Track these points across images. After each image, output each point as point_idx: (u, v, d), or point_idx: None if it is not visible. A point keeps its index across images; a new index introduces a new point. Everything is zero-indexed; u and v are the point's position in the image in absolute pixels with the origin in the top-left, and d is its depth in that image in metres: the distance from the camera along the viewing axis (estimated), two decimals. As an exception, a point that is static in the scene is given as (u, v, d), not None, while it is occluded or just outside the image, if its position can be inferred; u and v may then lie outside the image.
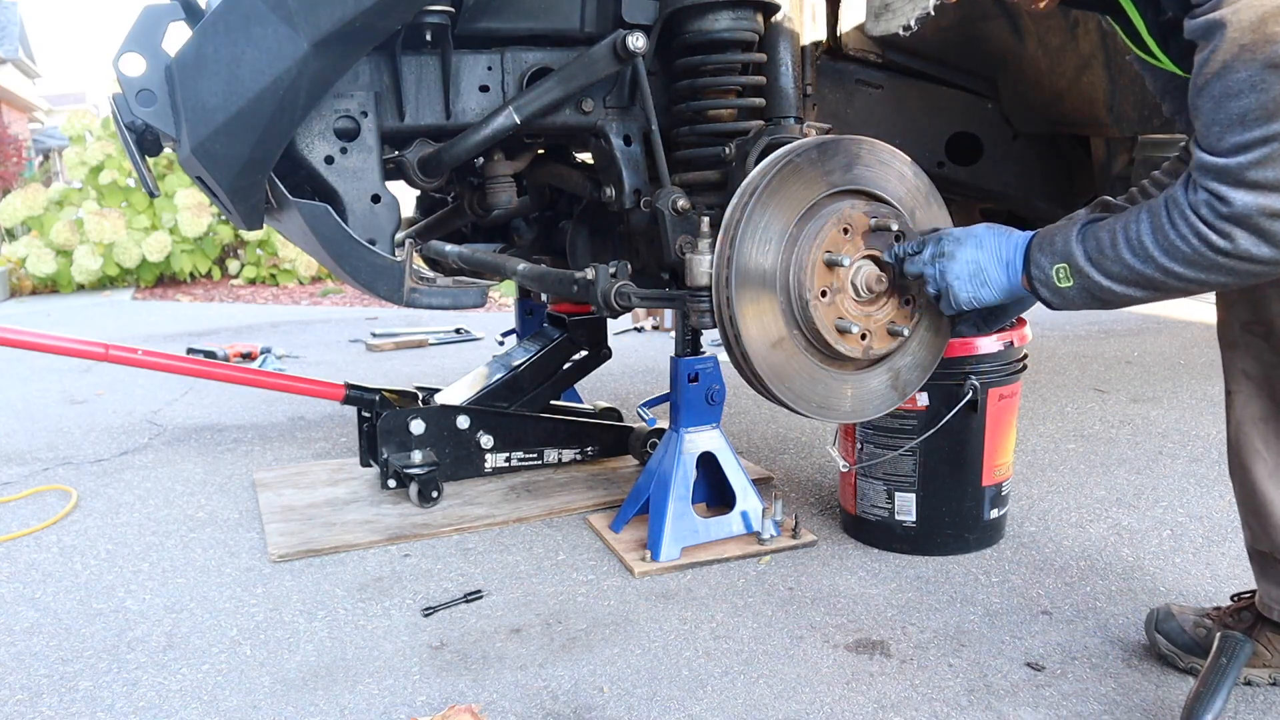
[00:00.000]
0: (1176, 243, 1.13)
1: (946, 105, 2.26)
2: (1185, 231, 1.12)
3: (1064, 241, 1.27)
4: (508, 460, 2.46)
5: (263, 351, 4.53)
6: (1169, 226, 1.14)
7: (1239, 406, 1.40)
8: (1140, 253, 1.17)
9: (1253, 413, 1.39)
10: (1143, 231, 1.17)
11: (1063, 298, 1.29)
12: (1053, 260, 1.28)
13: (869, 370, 1.62)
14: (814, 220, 1.51)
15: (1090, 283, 1.24)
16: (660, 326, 4.99)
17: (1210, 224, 1.09)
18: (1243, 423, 1.40)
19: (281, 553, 2.02)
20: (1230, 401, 1.42)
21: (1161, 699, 1.43)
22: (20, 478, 2.67)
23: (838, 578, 1.87)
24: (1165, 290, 1.19)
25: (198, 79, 1.53)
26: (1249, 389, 1.39)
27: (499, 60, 1.84)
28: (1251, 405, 1.39)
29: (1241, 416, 1.40)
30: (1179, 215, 1.13)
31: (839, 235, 1.50)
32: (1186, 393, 3.29)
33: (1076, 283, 1.26)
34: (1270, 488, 1.37)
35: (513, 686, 1.51)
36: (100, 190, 8.13)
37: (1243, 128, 1.05)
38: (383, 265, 1.73)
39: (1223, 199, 1.08)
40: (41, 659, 1.63)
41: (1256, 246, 1.08)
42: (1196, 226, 1.10)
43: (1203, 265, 1.12)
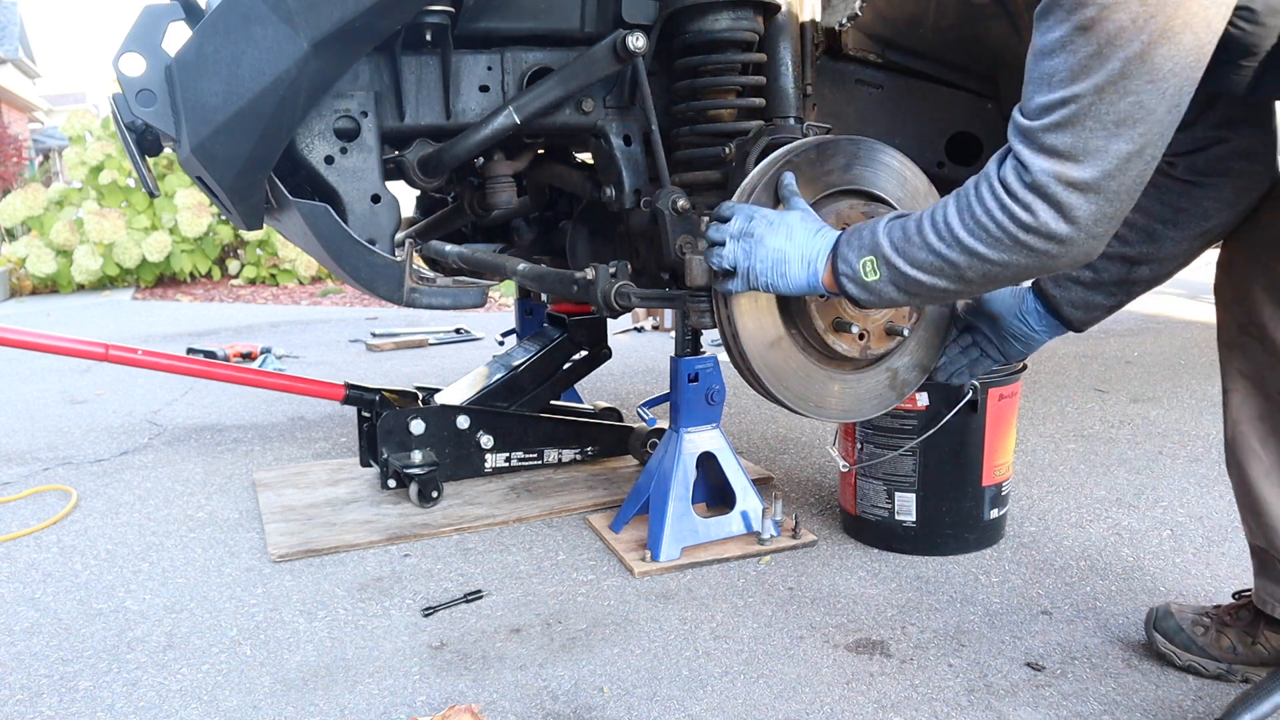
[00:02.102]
0: (981, 218, 1.09)
1: (946, 105, 2.26)
2: (990, 204, 1.07)
3: (871, 233, 1.23)
4: (508, 460, 2.46)
5: (263, 351, 4.54)
6: (975, 202, 1.09)
7: (1235, 406, 1.41)
8: (945, 235, 1.13)
9: (1249, 412, 1.39)
10: (949, 212, 1.13)
11: (871, 292, 1.24)
12: (860, 253, 1.23)
13: (867, 370, 1.62)
14: None
15: (896, 273, 1.20)
16: (660, 326, 4.99)
17: (1014, 193, 1.05)
18: (1239, 422, 1.40)
19: (281, 553, 2.02)
20: (1227, 400, 1.42)
21: (1162, 699, 1.43)
22: (20, 478, 2.67)
23: (838, 578, 1.87)
24: (969, 280, 1.15)
25: (198, 79, 1.53)
26: (1245, 388, 1.40)
27: (499, 60, 1.84)
28: (1247, 405, 1.39)
29: (1238, 416, 1.40)
30: (986, 188, 1.08)
31: None
32: (1186, 393, 3.29)
33: (884, 274, 1.21)
34: (1265, 486, 1.37)
35: (513, 686, 1.51)
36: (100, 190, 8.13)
37: (1048, 87, 1.02)
38: (383, 265, 1.73)
39: (1025, 165, 1.04)
40: (41, 659, 1.63)
41: (1055, 221, 1.04)
42: (1001, 197, 1.06)
43: (1005, 244, 1.08)
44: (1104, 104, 0.99)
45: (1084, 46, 0.99)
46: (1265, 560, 1.41)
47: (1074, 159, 1.02)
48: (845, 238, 1.29)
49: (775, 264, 1.33)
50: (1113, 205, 1.04)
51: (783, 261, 1.32)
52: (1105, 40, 0.97)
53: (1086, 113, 1.00)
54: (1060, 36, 1.00)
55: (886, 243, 1.21)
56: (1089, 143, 1.01)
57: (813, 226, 1.34)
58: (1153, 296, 5.64)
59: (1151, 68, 0.97)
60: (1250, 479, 1.39)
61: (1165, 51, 0.97)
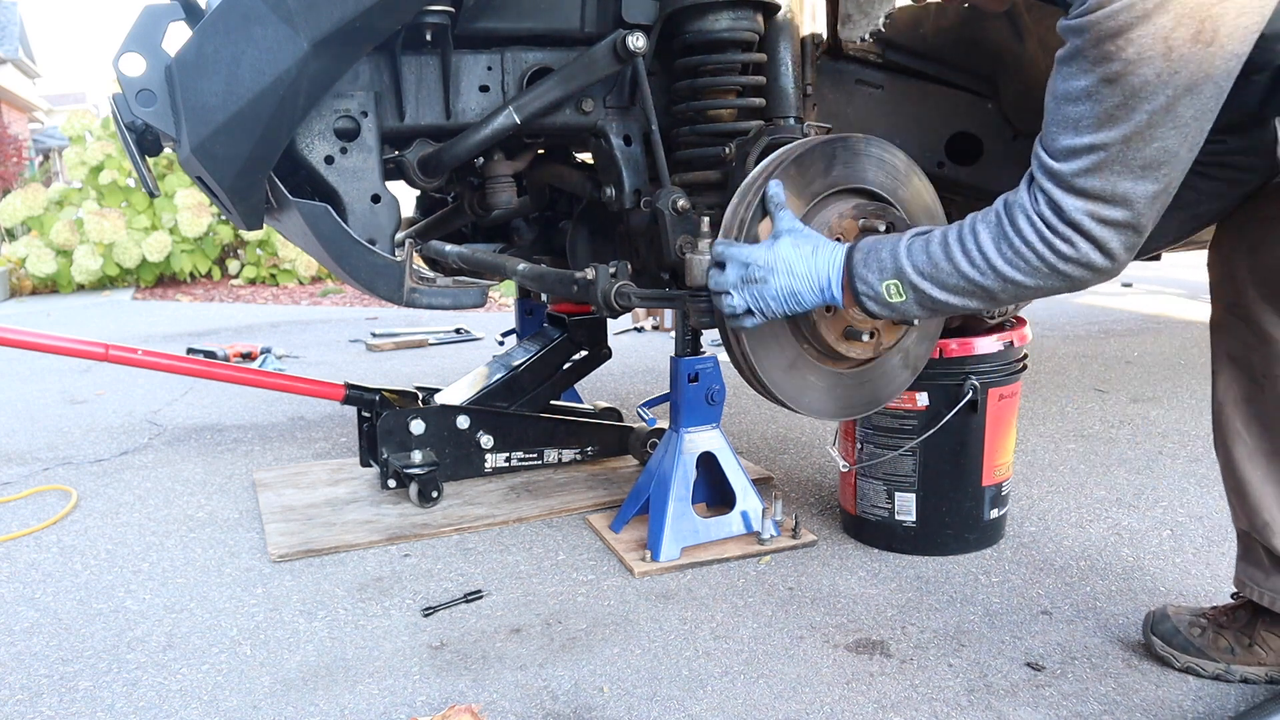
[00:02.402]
0: (1021, 249, 1.12)
1: (946, 105, 2.26)
2: (1031, 237, 1.11)
3: (891, 257, 1.25)
4: (508, 460, 2.46)
5: (263, 351, 4.54)
6: (1014, 234, 1.12)
7: (1221, 388, 1.43)
8: (980, 263, 1.16)
9: (1234, 394, 1.42)
10: (982, 241, 1.16)
11: (894, 310, 1.28)
12: (882, 277, 1.26)
13: (880, 359, 1.66)
14: None
15: (924, 297, 1.23)
16: (660, 326, 4.99)
17: (1055, 229, 1.09)
18: (1224, 404, 1.43)
19: (281, 553, 2.02)
20: (1215, 382, 1.45)
21: (1161, 699, 1.43)
22: (20, 478, 2.67)
23: (838, 578, 1.87)
24: (999, 300, 1.20)
25: (198, 79, 1.53)
26: (1231, 371, 1.42)
27: (499, 60, 1.83)
28: (1233, 387, 1.42)
29: (1224, 398, 1.43)
30: (1025, 221, 1.12)
31: None
32: (1186, 393, 3.29)
33: (910, 298, 1.24)
34: (1249, 468, 1.40)
35: (513, 686, 1.51)
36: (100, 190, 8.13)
37: (1074, 132, 1.06)
38: (383, 265, 1.73)
39: (1059, 205, 1.08)
40: (41, 659, 1.63)
41: (1094, 253, 1.09)
42: (1042, 231, 1.10)
43: (1044, 273, 1.12)
44: (1131, 152, 1.04)
45: (1110, 98, 1.03)
46: (1248, 544, 1.44)
47: (1105, 200, 1.06)
48: (861, 258, 1.29)
49: (787, 299, 1.35)
50: (1141, 235, 1.10)
51: (793, 295, 1.34)
52: (1130, 93, 1.02)
53: (1115, 159, 1.04)
54: (1085, 86, 1.04)
55: (910, 267, 1.23)
56: (1118, 186, 1.05)
57: (808, 249, 1.34)
58: (1152, 296, 5.64)
59: (1175, 117, 1.02)
60: (1234, 460, 1.42)
61: (1189, 101, 1.01)
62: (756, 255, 1.36)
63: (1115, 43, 1.00)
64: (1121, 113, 1.03)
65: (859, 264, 1.29)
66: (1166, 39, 0.98)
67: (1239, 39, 1.00)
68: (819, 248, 1.34)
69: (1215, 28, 0.98)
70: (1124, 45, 1.00)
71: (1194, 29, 0.98)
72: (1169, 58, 0.99)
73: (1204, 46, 0.99)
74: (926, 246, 1.22)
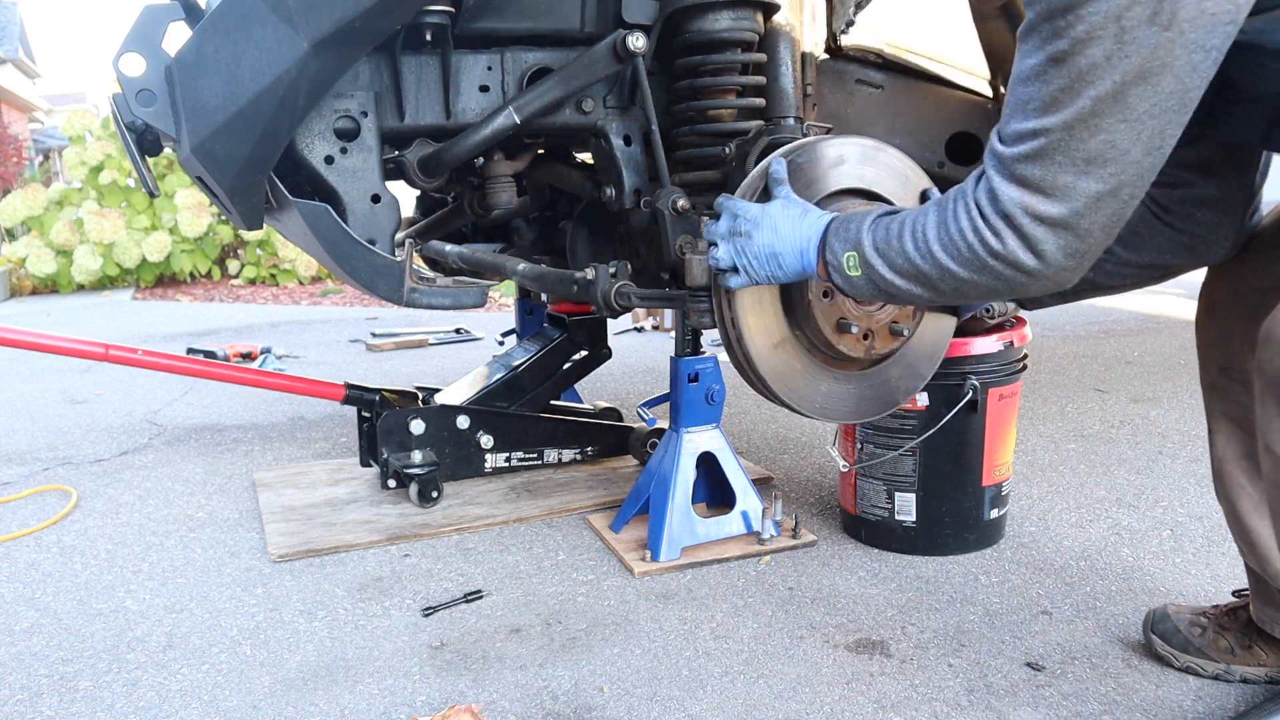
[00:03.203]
0: (954, 236, 1.07)
1: (946, 105, 2.26)
2: (964, 224, 1.06)
3: (856, 229, 1.22)
4: (508, 460, 2.46)
5: (263, 351, 4.54)
6: (951, 219, 1.08)
7: (1221, 445, 1.41)
8: (921, 246, 1.12)
9: (1234, 451, 1.39)
10: (928, 224, 1.11)
11: (852, 286, 1.24)
12: (844, 247, 1.23)
13: (872, 370, 1.63)
14: None
15: (875, 275, 1.19)
16: (660, 326, 4.99)
17: (986, 217, 1.03)
18: (1225, 460, 1.41)
19: (281, 553, 2.02)
20: (1213, 440, 1.43)
21: (1161, 699, 1.43)
22: (20, 478, 2.67)
23: (838, 578, 1.87)
24: (943, 292, 1.14)
25: (198, 79, 1.53)
26: (1228, 429, 1.40)
27: (499, 60, 1.84)
28: (1232, 444, 1.40)
29: (1224, 455, 1.41)
30: (961, 207, 1.07)
31: None
32: (1186, 393, 3.29)
33: (863, 273, 1.21)
34: (1256, 520, 1.37)
35: (513, 686, 1.51)
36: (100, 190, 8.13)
37: (1022, 115, 0.99)
38: (383, 265, 1.73)
39: (995, 192, 1.02)
40: (41, 659, 1.63)
41: (1022, 251, 1.02)
42: (974, 219, 1.05)
43: (975, 265, 1.06)
44: (1074, 141, 0.96)
45: (1056, 78, 0.96)
46: (1260, 584, 1.42)
47: (1043, 193, 0.99)
48: (834, 226, 1.28)
49: (768, 258, 1.33)
50: (1084, 242, 1.01)
51: (774, 255, 1.33)
52: (1076, 75, 0.94)
53: (1056, 148, 0.97)
54: (1035, 64, 0.98)
55: (868, 242, 1.20)
56: (1058, 178, 0.98)
57: (796, 212, 1.33)
58: (1153, 296, 5.64)
59: (1125, 107, 0.94)
60: (1240, 512, 1.39)
61: (1140, 92, 0.93)
62: (748, 209, 1.36)
63: (1065, 18, 0.93)
64: (1066, 96, 0.95)
65: (831, 232, 1.27)
66: (1119, 17, 0.90)
67: (1203, 27, 0.91)
68: (807, 213, 1.33)
69: (1174, 10, 0.90)
70: (1074, 21, 0.93)
71: (1151, 8, 0.90)
72: (1120, 39, 0.91)
73: (1160, 30, 0.90)
74: (888, 224, 1.19)
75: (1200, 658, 1.47)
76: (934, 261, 1.11)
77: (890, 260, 1.17)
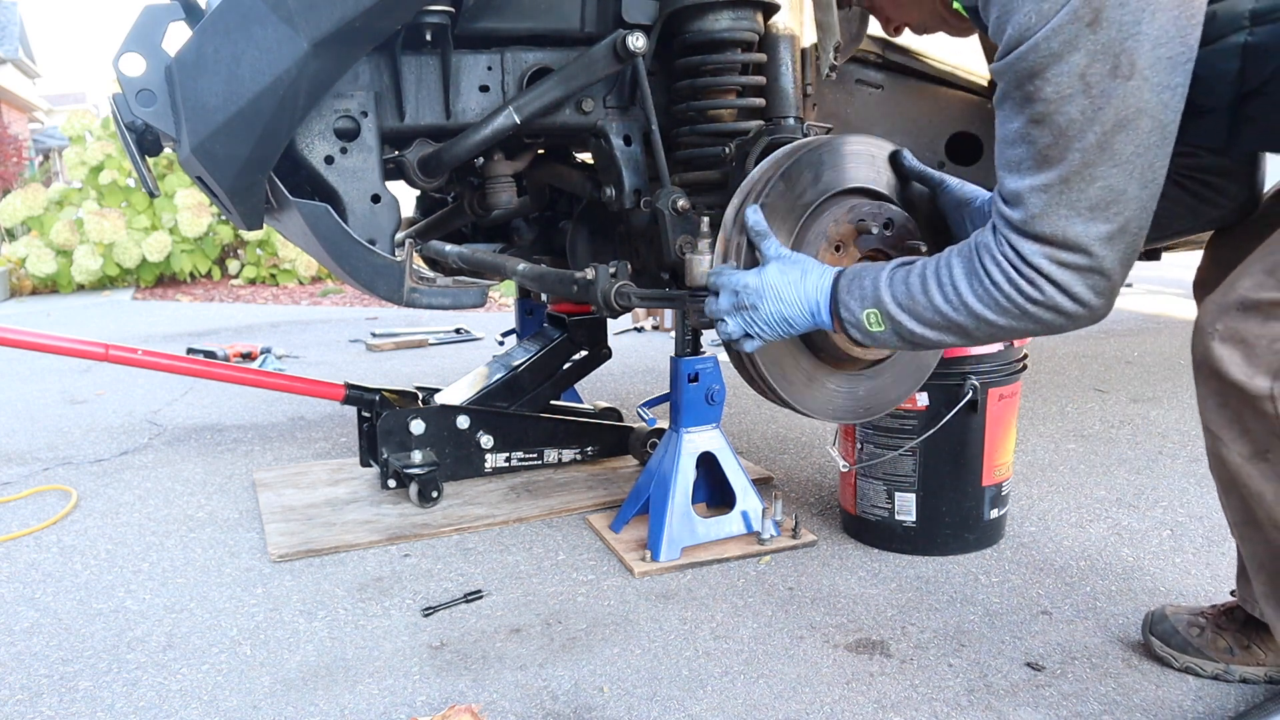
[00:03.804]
0: (990, 290, 1.09)
1: (946, 105, 2.26)
2: (999, 278, 1.08)
3: (873, 285, 1.22)
4: (508, 460, 2.46)
5: (263, 351, 4.54)
6: (983, 273, 1.10)
7: None
8: (953, 299, 1.14)
9: None
10: (956, 277, 1.13)
11: (874, 340, 1.25)
12: (862, 305, 1.23)
13: (872, 369, 1.63)
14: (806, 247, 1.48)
15: (903, 329, 1.20)
16: (660, 326, 4.99)
17: (1019, 270, 1.06)
18: None
19: (281, 553, 2.02)
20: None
21: (1161, 699, 1.43)
22: (20, 478, 2.67)
23: (838, 578, 1.87)
24: (977, 338, 1.17)
25: (198, 79, 1.53)
26: None
27: (499, 60, 1.84)
28: None
29: None
30: (990, 260, 1.09)
31: (835, 255, 1.48)
32: (1186, 393, 3.29)
33: (888, 328, 1.21)
34: None
35: (513, 686, 1.51)
36: (100, 190, 8.13)
37: (1018, 175, 1.04)
38: (383, 265, 1.73)
39: (1017, 250, 1.06)
40: (41, 659, 1.63)
41: (1061, 298, 1.05)
42: (1008, 272, 1.07)
43: (1015, 314, 1.09)
44: (1073, 193, 1.00)
45: (1041, 137, 1.00)
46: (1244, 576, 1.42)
47: (1060, 245, 1.03)
48: (845, 284, 1.27)
49: (778, 323, 1.33)
50: (1109, 279, 1.05)
51: (784, 320, 1.32)
52: (1059, 132, 0.99)
53: (1059, 202, 1.01)
54: (1018, 128, 1.02)
55: (890, 298, 1.20)
56: (1068, 231, 1.02)
57: (795, 275, 1.31)
58: (1152, 296, 5.64)
59: (1113, 154, 0.98)
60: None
61: (1124, 139, 0.97)
62: (747, 282, 1.34)
63: (1033, 83, 0.98)
64: (1055, 152, 1.00)
65: (843, 290, 1.27)
66: (1083, 75, 0.95)
67: (1164, 69, 0.96)
68: (807, 273, 1.31)
69: (1132, 61, 0.94)
70: (1041, 85, 0.98)
71: (1109, 64, 0.95)
72: (1090, 94, 0.96)
73: (1124, 81, 0.95)
74: (906, 278, 1.19)
75: (1199, 658, 1.47)
76: (969, 313, 1.13)
77: (918, 315, 1.18)
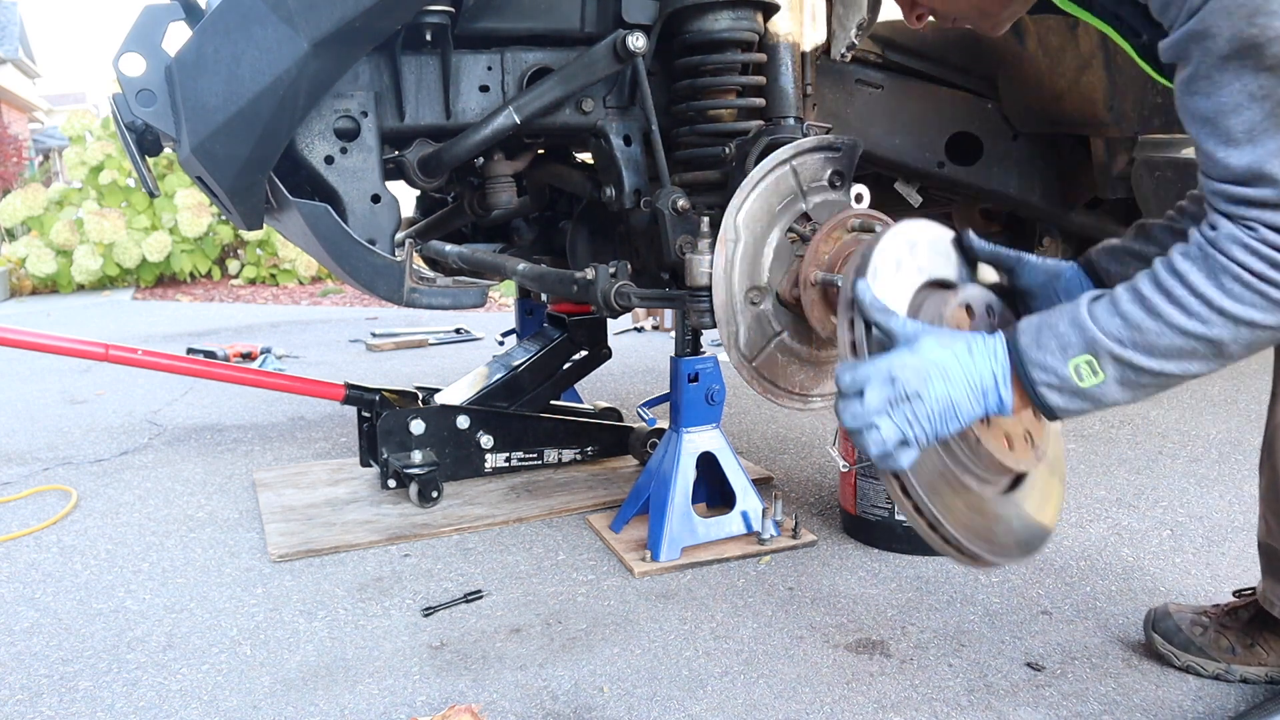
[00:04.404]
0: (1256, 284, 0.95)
1: (946, 105, 2.26)
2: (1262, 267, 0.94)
3: (1075, 329, 1.03)
4: (508, 460, 2.46)
5: (263, 351, 4.54)
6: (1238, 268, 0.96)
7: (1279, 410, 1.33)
8: (1201, 311, 0.98)
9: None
10: (1196, 284, 0.98)
11: (1086, 398, 1.05)
12: (1066, 356, 1.03)
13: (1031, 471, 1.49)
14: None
15: (1130, 369, 1.02)
16: (660, 326, 4.99)
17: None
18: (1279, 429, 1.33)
19: (281, 553, 2.02)
20: (1273, 404, 1.34)
21: (1161, 699, 1.43)
22: (20, 478, 2.67)
23: (838, 578, 1.87)
24: (1230, 353, 1.01)
25: (198, 79, 1.53)
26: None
27: (499, 60, 1.84)
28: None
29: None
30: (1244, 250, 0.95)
31: None
32: (1186, 393, 3.29)
33: (1110, 375, 1.02)
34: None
35: (513, 686, 1.51)
36: (100, 190, 8.14)
37: (1253, 144, 0.92)
38: (383, 265, 1.73)
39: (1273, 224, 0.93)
40: (41, 659, 1.63)
41: None
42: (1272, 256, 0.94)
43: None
44: None
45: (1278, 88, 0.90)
46: (1275, 561, 1.40)
47: None
48: (1030, 340, 1.07)
49: (943, 414, 1.07)
50: None
51: (951, 407, 1.07)
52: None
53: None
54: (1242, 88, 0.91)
55: (1105, 336, 1.02)
56: None
57: (960, 345, 1.08)
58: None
59: None
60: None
61: None
62: (903, 366, 1.07)
63: (1256, 23, 0.87)
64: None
65: (1029, 348, 1.06)
66: None
67: None
68: (972, 343, 1.08)
69: None
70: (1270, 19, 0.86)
71: None
72: None
73: None
74: (1115, 308, 1.01)
75: (1201, 657, 1.47)
76: (1228, 319, 0.98)
77: (1151, 345, 1.00)
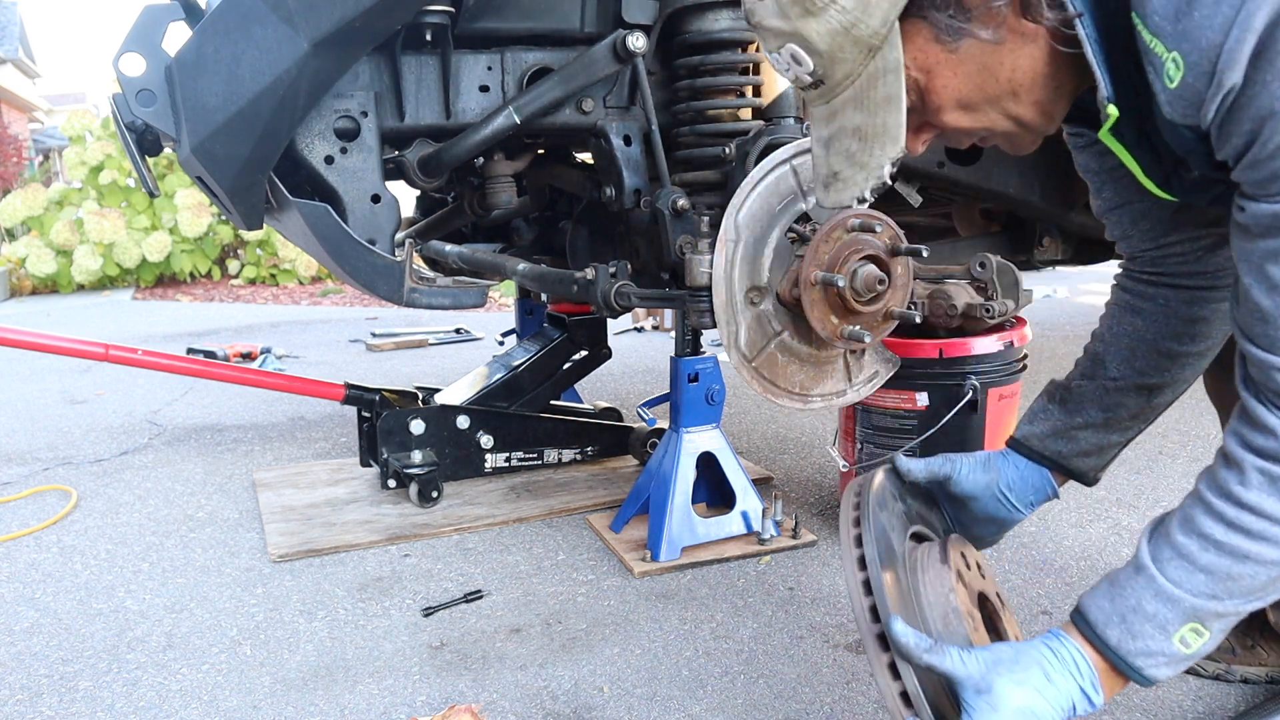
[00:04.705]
0: None
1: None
2: None
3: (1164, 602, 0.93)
4: (508, 460, 2.46)
5: (263, 351, 4.54)
6: None
7: None
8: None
9: None
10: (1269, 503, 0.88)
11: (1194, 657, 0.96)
12: (1168, 634, 0.94)
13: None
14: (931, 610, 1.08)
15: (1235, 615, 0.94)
16: (660, 326, 4.99)
17: None
18: None
19: (281, 553, 2.02)
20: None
21: (1162, 699, 1.43)
22: (20, 478, 2.67)
23: (838, 578, 1.87)
24: None
25: (198, 79, 1.53)
26: None
27: (499, 60, 1.84)
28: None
29: None
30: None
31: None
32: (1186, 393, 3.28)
33: (1216, 629, 0.94)
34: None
35: (513, 686, 1.51)
36: (100, 190, 8.14)
37: None
38: (383, 265, 1.73)
39: None
40: (41, 659, 1.63)
41: None
42: None
43: None
44: None
45: None
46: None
47: None
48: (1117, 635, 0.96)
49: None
50: None
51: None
52: None
53: None
54: None
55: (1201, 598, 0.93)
56: None
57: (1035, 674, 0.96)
58: (1153, 296, 5.62)
59: None
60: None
61: None
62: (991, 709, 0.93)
63: None
64: None
65: (1123, 641, 0.95)
66: None
67: None
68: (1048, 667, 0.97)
69: None
70: None
71: None
72: None
73: None
74: (1192, 564, 0.93)
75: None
76: None
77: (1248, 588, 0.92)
